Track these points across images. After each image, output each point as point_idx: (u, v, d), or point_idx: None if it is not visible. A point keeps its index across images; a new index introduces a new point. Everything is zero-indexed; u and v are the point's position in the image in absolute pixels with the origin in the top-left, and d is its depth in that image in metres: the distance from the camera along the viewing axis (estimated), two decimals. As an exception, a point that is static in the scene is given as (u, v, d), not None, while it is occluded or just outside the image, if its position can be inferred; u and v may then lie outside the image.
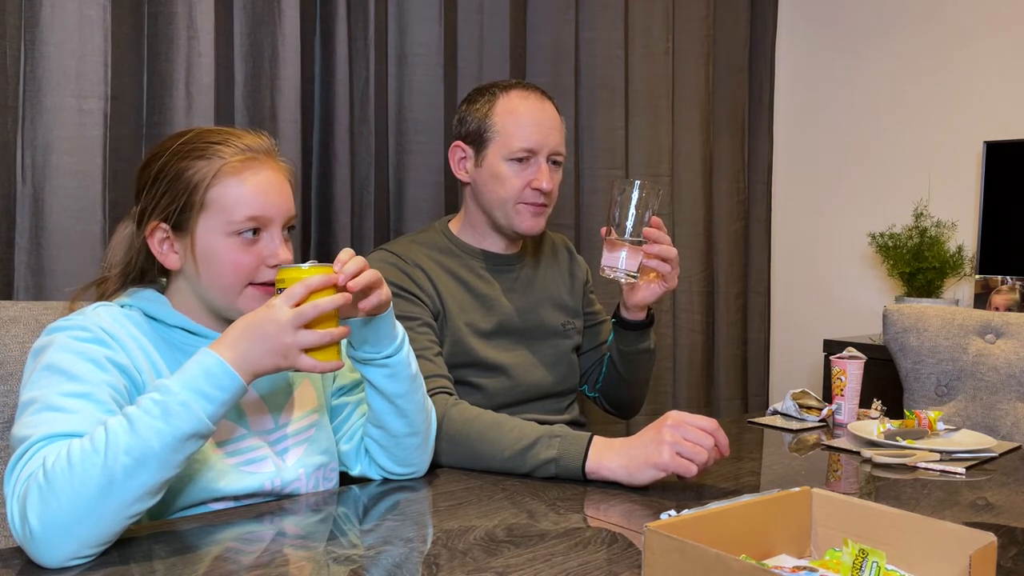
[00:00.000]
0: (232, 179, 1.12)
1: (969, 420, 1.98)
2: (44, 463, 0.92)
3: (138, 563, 0.93)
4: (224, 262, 1.12)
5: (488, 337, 1.59)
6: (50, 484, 0.90)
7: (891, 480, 1.37)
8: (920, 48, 2.86)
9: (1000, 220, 2.56)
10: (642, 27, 2.60)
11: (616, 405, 1.81)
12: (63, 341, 1.05)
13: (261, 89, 1.86)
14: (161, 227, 1.14)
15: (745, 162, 2.98)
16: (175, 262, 1.15)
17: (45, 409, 0.98)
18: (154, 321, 1.15)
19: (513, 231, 1.61)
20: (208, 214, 1.12)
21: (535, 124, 1.57)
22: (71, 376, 1.01)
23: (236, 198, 1.12)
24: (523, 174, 1.57)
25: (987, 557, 0.79)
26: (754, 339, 3.04)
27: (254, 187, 1.13)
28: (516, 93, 1.60)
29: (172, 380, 0.97)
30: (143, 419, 0.94)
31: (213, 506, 1.13)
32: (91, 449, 0.92)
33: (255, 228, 1.13)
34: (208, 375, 0.98)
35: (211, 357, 0.99)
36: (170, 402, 0.95)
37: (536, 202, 1.58)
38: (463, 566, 0.94)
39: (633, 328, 1.67)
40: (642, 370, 1.74)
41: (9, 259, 1.58)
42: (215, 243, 1.12)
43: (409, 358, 1.22)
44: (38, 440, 0.96)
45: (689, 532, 0.81)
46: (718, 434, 1.23)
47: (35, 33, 1.58)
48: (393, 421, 1.23)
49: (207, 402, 0.97)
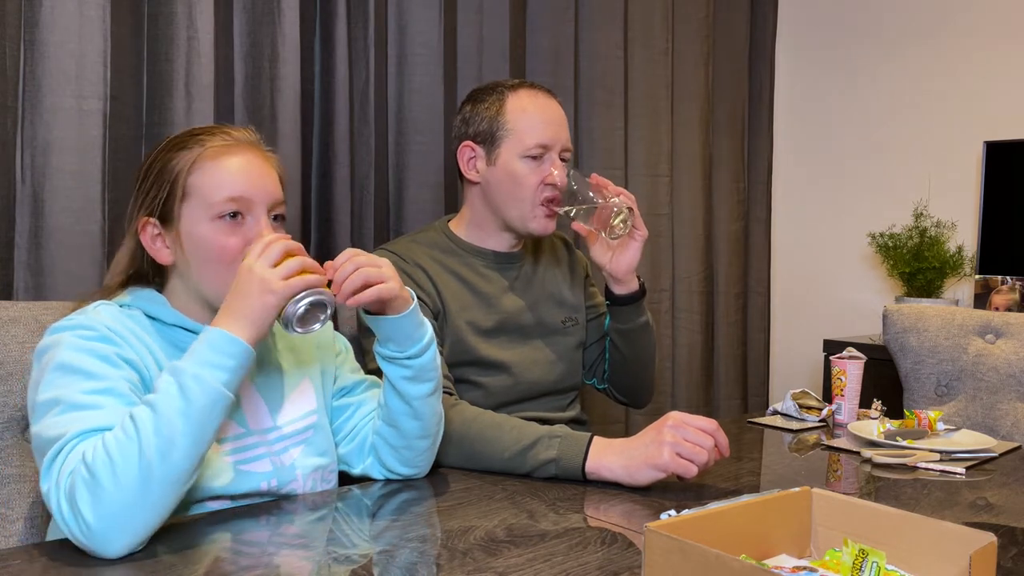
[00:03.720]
0: (211, 163, 1.14)
1: (969, 420, 1.98)
2: (84, 458, 0.94)
3: (138, 564, 0.93)
4: (210, 247, 1.13)
5: (489, 335, 1.59)
6: (95, 477, 0.93)
7: (891, 480, 1.37)
8: (920, 48, 2.86)
9: (1000, 220, 2.56)
10: (642, 27, 2.60)
11: (626, 392, 1.79)
12: (71, 341, 1.05)
13: (261, 89, 1.85)
14: (151, 222, 1.15)
15: (745, 162, 2.98)
16: (167, 256, 1.16)
17: (71, 408, 1.00)
18: (154, 320, 1.15)
19: (527, 231, 1.62)
20: (190, 202, 1.13)
21: (547, 121, 1.59)
22: (88, 374, 1.03)
23: (215, 181, 1.13)
24: (538, 171, 1.59)
25: (987, 557, 0.79)
26: (754, 339, 3.04)
27: (233, 169, 1.14)
28: (525, 91, 1.62)
29: (183, 360, 1.01)
30: (163, 401, 0.97)
31: (210, 505, 1.13)
32: (124, 438, 0.95)
33: (236, 211, 1.13)
34: (213, 347, 1.01)
35: (212, 331, 1.03)
36: (184, 380, 0.98)
37: (552, 197, 1.59)
38: (463, 566, 0.94)
39: (628, 302, 1.66)
40: (644, 348, 1.73)
41: (9, 259, 1.58)
42: (199, 229, 1.13)
43: (435, 363, 1.23)
44: (73, 437, 0.98)
45: (689, 532, 0.81)
46: (718, 435, 1.23)
47: (35, 33, 1.58)
48: (407, 422, 1.23)
49: (219, 371, 1.00)
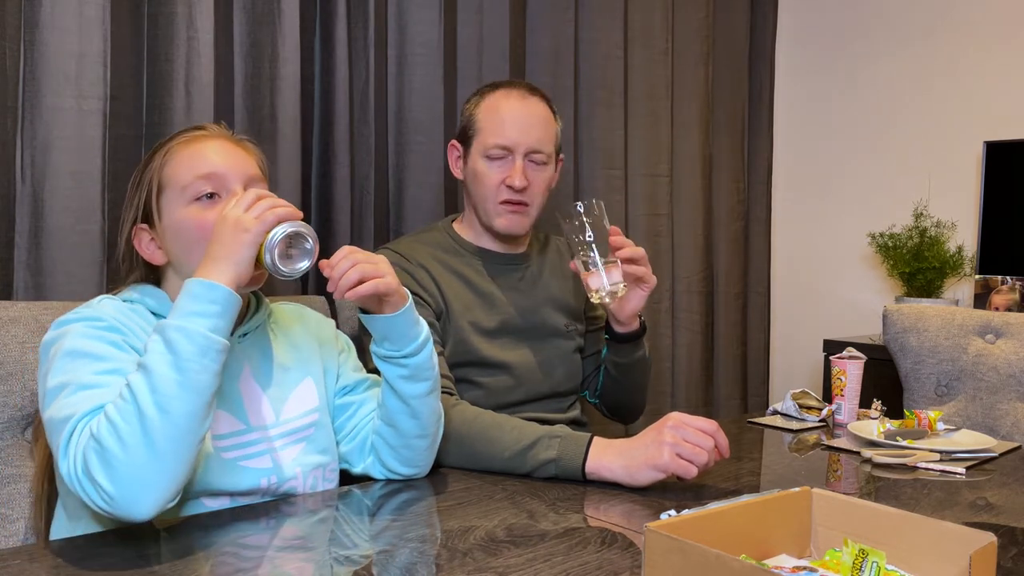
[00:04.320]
0: (182, 151, 1.17)
1: (969, 420, 1.98)
2: (92, 431, 0.96)
3: (139, 564, 0.93)
4: (191, 228, 1.14)
5: (491, 335, 1.59)
6: (103, 446, 0.94)
7: (891, 480, 1.37)
8: (920, 48, 2.86)
9: (1000, 220, 2.56)
10: (641, 27, 2.59)
11: (617, 411, 1.81)
12: (79, 329, 1.07)
13: (261, 89, 1.85)
14: (141, 228, 1.18)
15: (745, 162, 2.98)
16: (160, 256, 1.18)
17: (80, 389, 1.01)
18: (157, 316, 1.16)
19: (494, 229, 1.62)
20: (167, 193, 1.16)
21: (511, 121, 1.57)
22: (97, 357, 1.04)
23: (187, 165, 1.15)
24: (499, 171, 1.58)
25: (987, 557, 0.79)
26: (754, 339, 3.04)
27: (205, 151, 1.16)
28: (501, 92, 1.61)
29: (168, 317, 1.01)
30: (151, 358, 0.98)
31: (208, 502, 1.13)
32: (122, 403, 0.96)
33: (212, 192, 1.15)
34: (192, 296, 1.01)
35: (191, 282, 1.03)
36: (169, 334, 0.99)
37: (510, 199, 1.57)
38: (463, 566, 0.94)
39: (628, 340, 1.66)
40: (640, 377, 1.74)
41: (9, 259, 1.58)
42: (178, 215, 1.15)
43: (431, 362, 1.23)
44: (83, 416, 0.99)
45: (689, 532, 0.81)
46: (718, 436, 1.23)
47: (35, 33, 1.57)
48: (405, 422, 1.23)
49: (202, 318, 1.00)
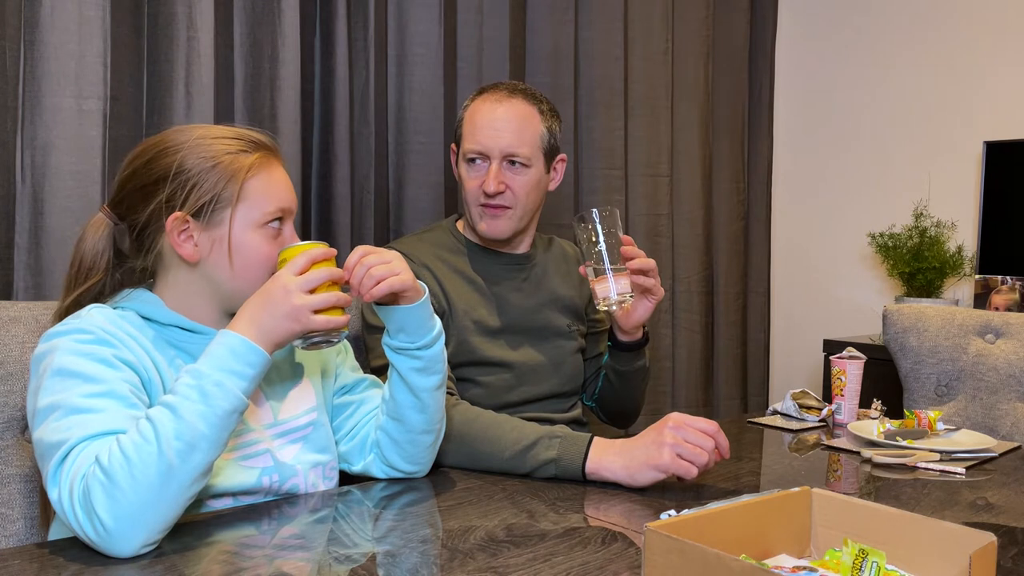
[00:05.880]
0: (265, 173, 1.17)
1: (969, 420, 1.98)
2: (99, 461, 0.95)
3: (140, 564, 0.93)
4: (255, 254, 1.15)
5: (494, 335, 1.59)
6: (112, 479, 0.93)
7: (891, 480, 1.37)
8: (920, 48, 2.86)
9: (1000, 220, 2.56)
10: (641, 27, 2.59)
11: (612, 416, 1.82)
12: (67, 345, 1.05)
13: (261, 89, 1.85)
14: (185, 219, 1.13)
15: (745, 162, 2.98)
16: (192, 253, 1.14)
17: (71, 412, 1.00)
18: (149, 321, 1.15)
19: (479, 232, 1.61)
20: (243, 207, 1.15)
21: (483, 126, 1.56)
22: (87, 378, 1.02)
23: (270, 191, 1.17)
24: (477, 176, 1.57)
25: (987, 557, 0.79)
26: (754, 339, 3.04)
27: (280, 179, 1.19)
28: (483, 96, 1.60)
29: (202, 364, 1.01)
30: (184, 404, 0.98)
31: (211, 503, 1.13)
32: (142, 441, 0.95)
33: (281, 219, 1.18)
34: (234, 354, 1.02)
35: (234, 337, 1.03)
36: (205, 384, 0.99)
37: (487, 204, 1.57)
38: (463, 566, 0.94)
39: (630, 349, 1.67)
40: (638, 385, 1.75)
41: (9, 259, 1.58)
42: (247, 235, 1.15)
43: (443, 355, 1.25)
44: (78, 442, 0.98)
45: (689, 532, 0.81)
46: (719, 436, 1.23)
47: (35, 33, 1.57)
48: (413, 416, 1.24)
49: (239, 379, 1.02)
